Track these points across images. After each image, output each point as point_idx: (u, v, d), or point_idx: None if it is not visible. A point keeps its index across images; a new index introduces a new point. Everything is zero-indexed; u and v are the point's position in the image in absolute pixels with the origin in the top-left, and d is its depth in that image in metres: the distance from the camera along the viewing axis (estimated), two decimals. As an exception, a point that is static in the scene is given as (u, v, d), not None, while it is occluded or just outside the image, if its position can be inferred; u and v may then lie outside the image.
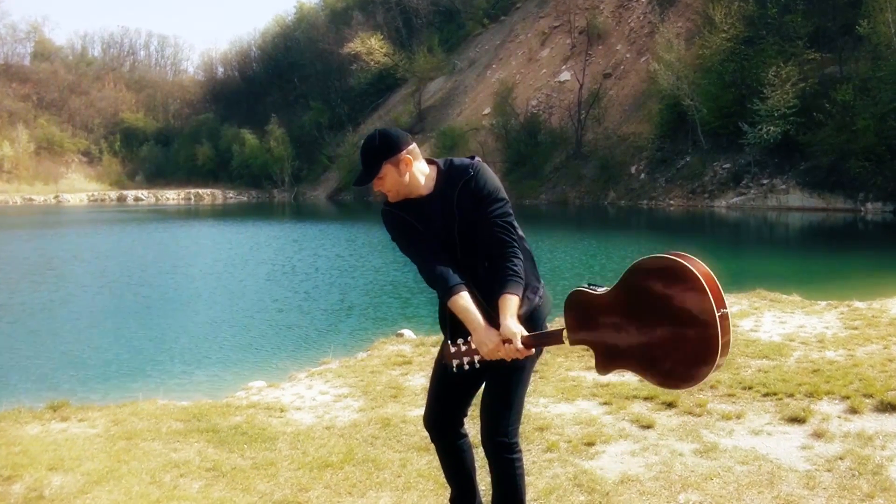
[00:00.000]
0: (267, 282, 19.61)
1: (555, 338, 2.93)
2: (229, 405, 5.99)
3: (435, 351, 2.82)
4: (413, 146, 3.19)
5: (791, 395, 5.64)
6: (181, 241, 32.91)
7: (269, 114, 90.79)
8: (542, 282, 3.33)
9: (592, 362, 6.38)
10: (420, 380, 6.56)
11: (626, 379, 6.18)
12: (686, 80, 49.52)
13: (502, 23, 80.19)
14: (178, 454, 4.77)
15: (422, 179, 3.21)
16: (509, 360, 2.96)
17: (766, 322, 8.57)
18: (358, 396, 6.16)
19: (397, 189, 3.17)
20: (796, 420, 5.12)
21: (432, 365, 3.41)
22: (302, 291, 17.72)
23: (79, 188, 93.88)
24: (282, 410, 5.84)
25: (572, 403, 5.69)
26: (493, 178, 3.18)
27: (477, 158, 3.24)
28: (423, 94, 78.75)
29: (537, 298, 3.25)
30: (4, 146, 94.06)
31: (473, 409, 3.33)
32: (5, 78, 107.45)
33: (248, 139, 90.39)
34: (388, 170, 3.12)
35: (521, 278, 3.06)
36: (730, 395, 5.72)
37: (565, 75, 66.38)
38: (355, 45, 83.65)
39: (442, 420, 3.38)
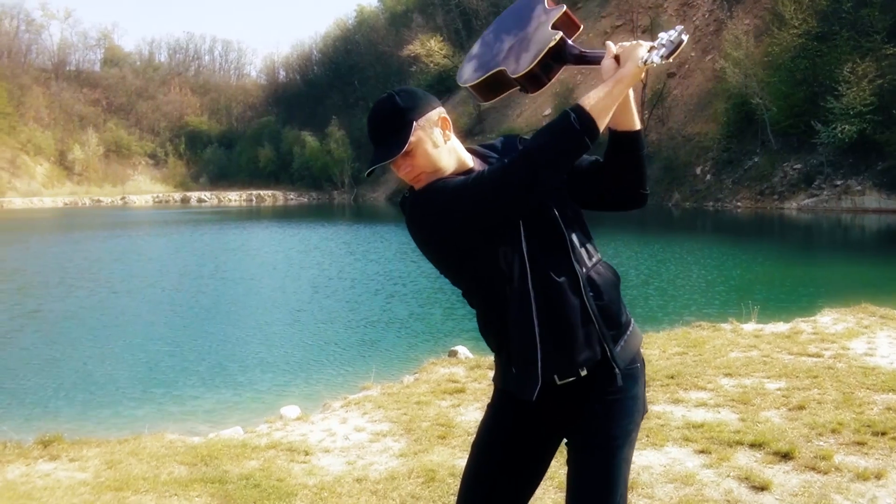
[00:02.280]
0: (310, 289, 18.59)
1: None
2: (246, 444, 5.06)
3: (493, 375, 2.13)
4: (445, 111, 2.30)
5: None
6: (229, 244, 32.34)
7: (330, 116, 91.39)
8: None
9: (680, 394, 5.38)
10: (475, 414, 5.55)
11: (722, 417, 5.15)
12: (755, 77, 48.05)
13: (563, 23, 79.20)
14: (173, 512, 3.90)
15: (469, 161, 2.29)
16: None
17: (883, 344, 7.37)
18: (399, 435, 5.18)
19: (433, 167, 2.21)
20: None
21: (489, 396, 2.41)
22: (347, 300, 16.72)
23: (145, 190, 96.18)
24: (307, 453, 4.87)
25: (660, 450, 4.63)
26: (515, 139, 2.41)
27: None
28: (484, 97, 77.95)
29: (632, 324, 2.34)
30: (75, 149, 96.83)
31: None
32: (77, 84, 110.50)
33: (308, 141, 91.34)
34: (419, 136, 2.19)
35: None
36: (859, 444, 4.59)
37: (628, 75, 65.01)
38: (415, 48, 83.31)
39: None
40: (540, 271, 2.17)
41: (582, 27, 2.35)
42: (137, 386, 9.66)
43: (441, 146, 2.21)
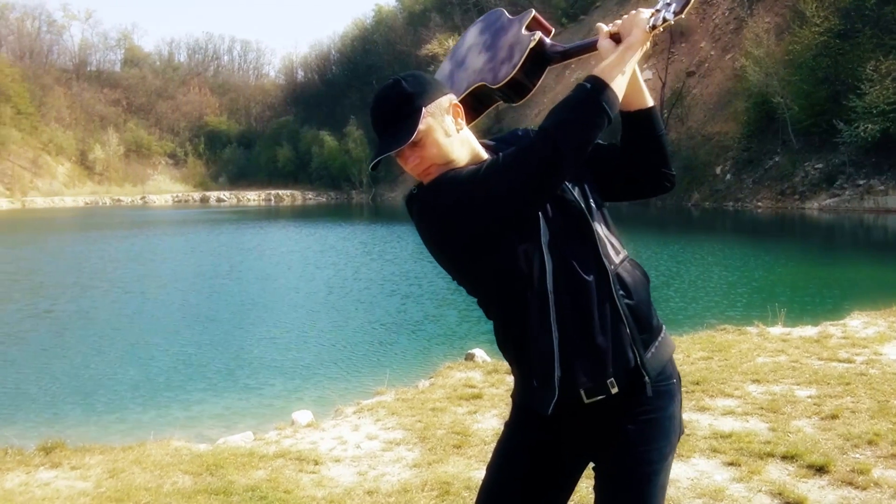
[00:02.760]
0: (325, 290, 18.33)
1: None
2: (253, 453, 4.87)
3: (511, 381, 1.91)
4: (456, 98, 2.09)
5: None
6: (245, 244, 32.17)
7: (348, 116, 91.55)
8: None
9: (706, 401, 5.15)
10: (492, 422, 5.34)
11: (751, 427, 4.91)
12: (776, 76, 47.59)
13: (581, 22, 79.04)
14: (177, 525, 3.72)
15: (483, 152, 2.08)
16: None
17: (917, 350, 7.07)
18: (413, 444, 4.97)
19: (445, 158, 2.00)
20: None
21: (507, 400, 2.19)
22: (362, 301, 16.46)
23: (164, 189, 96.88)
24: (316, 462, 4.66)
25: (687, 462, 4.38)
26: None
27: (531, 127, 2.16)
28: (503, 95, 77.96)
29: (663, 330, 2.11)
30: (96, 149, 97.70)
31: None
32: (97, 84, 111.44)
33: (327, 141, 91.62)
34: (429, 123, 1.97)
35: None
36: (898, 457, 4.35)
37: (647, 74, 64.85)
38: (433, 47, 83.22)
39: None
40: (563, 269, 1.95)
41: (553, 31, 2.19)
42: (146, 389, 9.49)
43: (453, 135, 2.00)
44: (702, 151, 53.44)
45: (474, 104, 2.14)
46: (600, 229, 2.02)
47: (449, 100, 2.02)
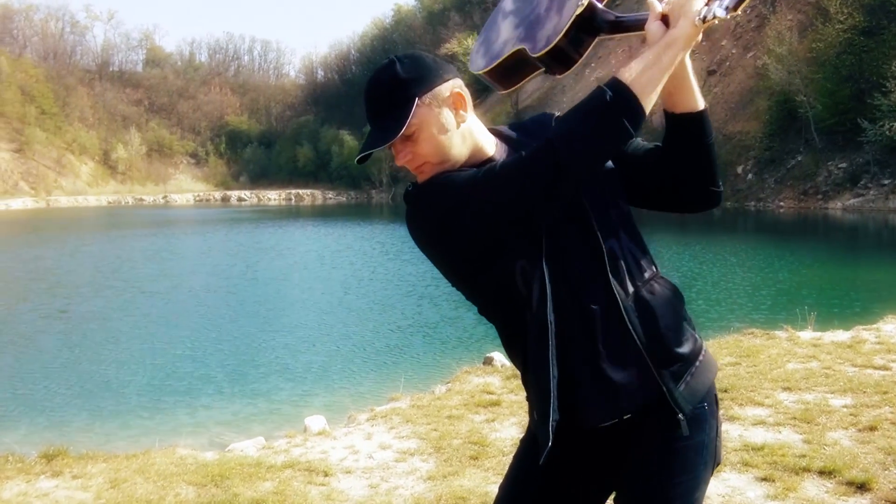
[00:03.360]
0: (341, 290, 18.09)
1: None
2: (260, 463, 4.66)
3: None
4: (460, 80, 1.81)
5: None
6: (262, 243, 32.14)
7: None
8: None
9: (735, 410, 4.91)
10: (511, 431, 5.11)
11: (784, 438, 4.65)
12: (798, 74, 47.27)
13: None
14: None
15: (489, 147, 1.83)
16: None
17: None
18: (428, 455, 4.75)
19: (441, 156, 1.76)
20: None
21: (527, 410, 1.93)
22: (378, 302, 16.18)
23: (186, 189, 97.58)
24: (326, 474, 4.45)
25: (717, 477, 4.11)
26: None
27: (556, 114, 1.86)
28: (521, 94, 77.80)
29: (702, 354, 1.82)
30: (118, 149, 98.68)
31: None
32: (119, 84, 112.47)
33: (347, 140, 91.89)
34: (423, 116, 1.72)
35: None
36: (944, 474, 4.08)
37: (667, 72, 64.61)
38: (452, 46, 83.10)
39: None
40: (565, 294, 1.69)
41: None
42: (156, 392, 9.31)
43: (451, 130, 1.75)
44: (723, 151, 53.07)
45: (512, 70, 1.85)
46: (616, 246, 1.75)
47: (450, 88, 1.76)
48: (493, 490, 3.85)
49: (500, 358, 7.53)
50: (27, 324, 14.12)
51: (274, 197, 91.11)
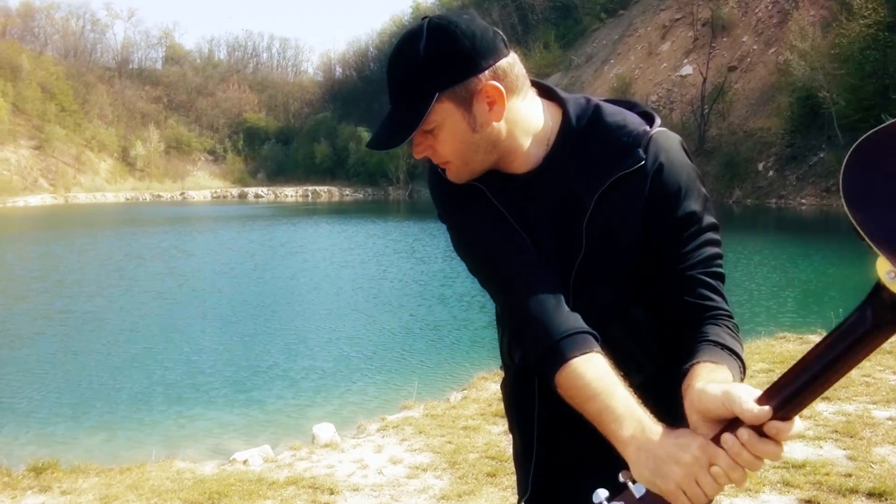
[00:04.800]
0: (352, 291, 17.50)
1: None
2: (262, 479, 4.35)
3: None
4: (506, 61, 1.41)
5: None
6: (275, 241, 31.68)
7: (385, 112, 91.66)
8: None
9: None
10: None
11: (826, 454, 4.31)
12: (821, 70, 46.72)
13: (621, 17, 78.53)
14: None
15: (524, 140, 1.47)
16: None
17: None
18: (442, 470, 4.42)
19: (464, 158, 1.45)
20: None
21: None
22: (391, 304, 15.66)
23: (204, 185, 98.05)
24: (332, 492, 4.13)
25: (756, 499, 3.79)
26: (689, 170, 1.44)
27: (657, 124, 1.46)
28: (541, 90, 77.67)
29: None
30: (137, 146, 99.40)
31: None
32: (139, 81, 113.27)
33: (364, 137, 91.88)
34: (445, 113, 1.40)
35: (741, 360, 1.34)
36: None
37: (687, 69, 64.24)
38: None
39: None
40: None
41: None
42: (156, 397, 8.94)
43: (480, 131, 1.42)
44: (743, 147, 52.77)
45: None
46: (590, 303, 1.43)
47: (485, 79, 1.39)
48: (513, 512, 3.56)
49: (518, 362, 7.21)
50: (24, 325, 13.74)
51: (291, 194, 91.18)
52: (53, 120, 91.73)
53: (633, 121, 1.45)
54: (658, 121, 1.47)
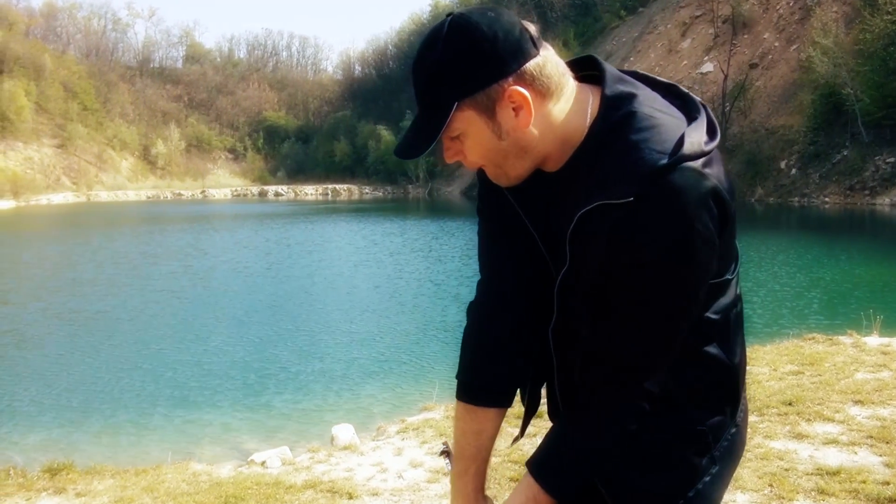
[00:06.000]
0: (370, 291, 17.32)
1: None
2: (279, 482, 4.25)
3: None
4: (535, 63, 1.29)
5: None
6: (293, 239, 31.57)
7: (405, 110, 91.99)
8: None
9: (802, 426, 4.41)
10: (552, 447, 4.67)
11: (861, 461, 4.16)
12: (844, 67, 46.32)
13: (640, 14, 78.19)
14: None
15: (559, 143, 1.35)
16: None
17: None
18: (463, 474, 4.33)
19: (496, 162, 1.37)
20: None
21: None
22: (410, 304, 15.44)
23: (224, 184, 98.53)
24: (350, 496, 4.01)
25: None
26: (672, 242, 1.24)
27: (691, 147, 1.25)
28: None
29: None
30: (158, 144, 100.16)
31: None
32: (160, 80, 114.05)
33: (383, 135, 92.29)
34: (467, 121, 1.32)
35: (603, 459, 1.42)
36: None
37: (707, 66, 63.87)
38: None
39: None
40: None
41: None
42: (172, 398, 8.84)
43: (510, 138, 1.33)
44: (765, 145, 52.43)
45: None
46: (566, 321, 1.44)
47: (508, 85, 1.29)
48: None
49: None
50: (38, 324, 13.70)
51: (311, 192, 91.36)
52: (76, 119, 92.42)
53: (659, 141, 1.26)
54: (695, 142, 1.26)
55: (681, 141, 1.25)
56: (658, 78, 1.45)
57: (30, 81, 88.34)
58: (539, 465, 1.43)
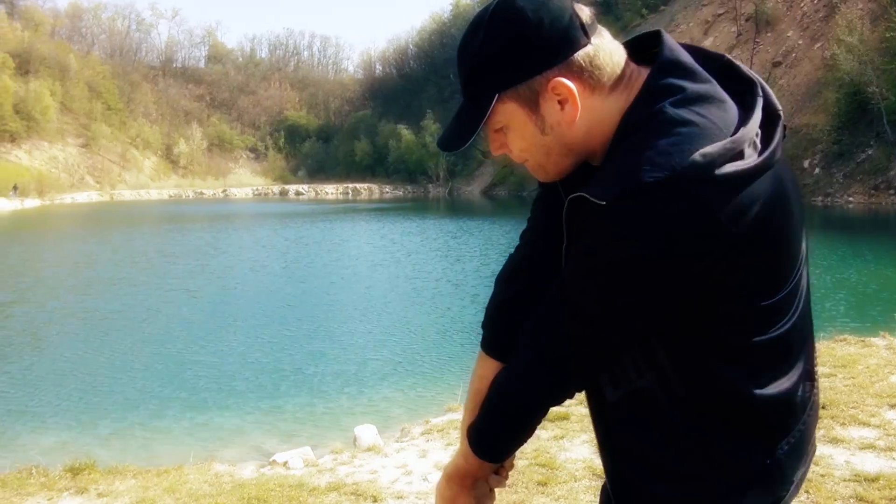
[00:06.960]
0: (391, 291, 17.10)
1: None
2: (303, 484, 4.18)
3: None
4: (585, 52, 1.20)
5: None
6: (312, 238, 31.51)
7: (425, 109, 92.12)
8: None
9: (837, 431, 4.28)
10: (582, 450, 4.54)
11: (900, 468, 4.06)
12: (870, 65, 45.76)
13: (662, 13, 77.80)
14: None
15: (608, 138, 1.24)
16: None
17: None
18: (489, 478, 4.25)
19: (539, 157, 1.29)
20: None
21: None
22: (434, 304, 15.25)
23: (245, 183, 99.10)
24: (375, 499, 3.94)
25: None
26: (626, 247, 1.13)
27: (685, 172, 1.09)
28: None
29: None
30: (180, 143, 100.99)
31: None
32: (182, 80, 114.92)
33: (404, 135, 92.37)
34: (509, 113, 1.25)
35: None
36: None
37: (730, 65, 63.44)
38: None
39: None
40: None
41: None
42: (194, 397, 8.77)
43: (555, 132, 1.24)
44: (789, 144, 50.11)
45: None
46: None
47: (551, 76, 1.20)
48: (567, 526, 3.35)
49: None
50: (57, 323, 13.63)
51: (331, 191, 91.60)
52: (99, 118, 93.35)
53: (666, 153, 1.12)
54: (708, 161, 1.10)
55: (689, 157, 1.11)
56: (725, 57, 1.33)
57: (55, 81, 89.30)
58: (470, 425, 1.42)
